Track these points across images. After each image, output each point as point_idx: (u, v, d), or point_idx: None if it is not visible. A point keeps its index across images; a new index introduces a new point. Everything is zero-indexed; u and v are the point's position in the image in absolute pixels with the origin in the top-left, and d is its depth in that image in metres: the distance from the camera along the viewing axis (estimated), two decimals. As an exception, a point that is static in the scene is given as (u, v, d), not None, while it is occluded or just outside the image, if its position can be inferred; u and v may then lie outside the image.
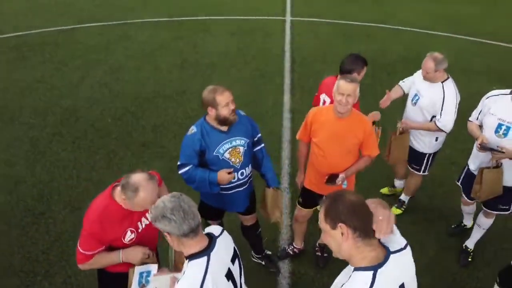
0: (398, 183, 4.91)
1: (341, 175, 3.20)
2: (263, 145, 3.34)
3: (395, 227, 1.89)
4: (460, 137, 5.85)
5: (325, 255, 3.92)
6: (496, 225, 4.08)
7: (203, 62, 8.20)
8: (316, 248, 3.97)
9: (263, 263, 3.86)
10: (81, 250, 2.45)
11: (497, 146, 3.38)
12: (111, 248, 2.51)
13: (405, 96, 4.34)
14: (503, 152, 3.33)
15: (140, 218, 2.57)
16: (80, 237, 2.45)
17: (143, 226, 2.59)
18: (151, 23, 10.38)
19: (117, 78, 7.44)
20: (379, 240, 1.80)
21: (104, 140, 5.64)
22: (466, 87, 7.48)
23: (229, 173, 3.05)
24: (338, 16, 11.42)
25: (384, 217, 1.78)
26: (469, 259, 3.99)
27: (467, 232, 4.21)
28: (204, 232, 2.10)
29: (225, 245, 2.12)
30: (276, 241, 4.14)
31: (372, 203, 1.84)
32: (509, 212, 3.73)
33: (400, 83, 4.33)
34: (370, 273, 1.68)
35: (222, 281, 2.00)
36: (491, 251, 4.12)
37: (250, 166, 3.28)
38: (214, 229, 2.18)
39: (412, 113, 4.05)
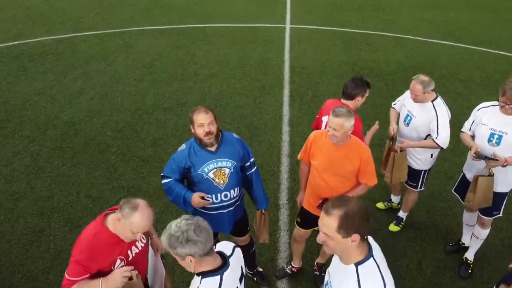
0: (395, 198, 4.94)
1: None
2: (255, 168, 3.34)
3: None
4: (457, 151, 5.91)
5: (323, 274, 3.94)
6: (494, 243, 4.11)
7: (203, 73, 8.24)
8: (314, 268, 3.99)
9: (255, 279, 3.89)
10: (66, 276, 2.46)
11: (492, 154, 3.50)
12: (100, 274, 2.51)
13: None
14: (497, 160, 3.44)
15: (131, 246, 2.59)
16: (69, 263, 2.47)
17: (133, 254, 2.60)
18: (150, 31, 10.43)
19: (117, 90, 7.47)
20: None
21: (104, 155, 5.67)
22: (467, 99, 7.55)
23: (203, 197, 3.07)
24: (338, 24, 11.47)
25: None
26: (470, 271, 4.03)
27: (465, 251, 4.22)
28: (215, 249, 2.14)
29: (235, 264, 2.17)
30: (274, 259, 4.16)
31: None
32: (500, 215, 3.86)
33: (393, 105, 4.40)
34: (371, 260, 1.98)
35: None
36: (489, 270, 4.14)
37: (237, 189, 3.24)
38: (226, 246, 2.22)
39: (406, 133, 4.10)
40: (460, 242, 4.30)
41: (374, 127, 3.97)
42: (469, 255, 4.09)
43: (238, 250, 2.27)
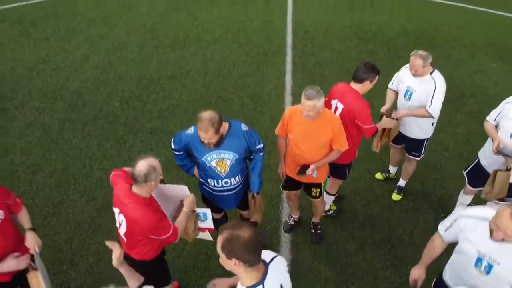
0: (393, 169, 5.21)
1: (311, 166, 3.59)
2: (261, 154, 3.51)
3: None
4: (454, 122, 6.11)
5: (318, 231, 4.35)
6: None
7: (205, 38, 8.22)
8: (311, 226, 4.43)
9: None
10: (164, 236, 2.83)
11: None
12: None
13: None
14: None
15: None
16: (156, 229, 2.79)
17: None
18: (150, -8, 10.22)
19: (120, 57, 7.52)
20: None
21: (113, 126, 5.87)
22: (468, 66, 7.59)
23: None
24: (342, -18, 11.17)
25: None
26: None
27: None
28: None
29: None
30: (278, 229, 4.51)
31: None
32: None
33: (389, 86, 4.52)
34: (260, 287, 2.07)
35: None
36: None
37: (238, 177, 3.48)
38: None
39: (407, 107, 4.27)
40: None
41: (390, 122, 4.14)
42: None
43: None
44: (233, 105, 6.35)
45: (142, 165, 2.70)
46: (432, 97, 4.07)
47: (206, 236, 3.46)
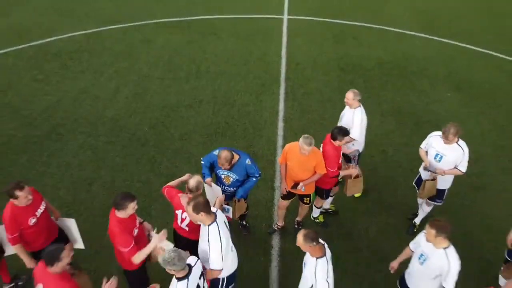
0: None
1: (300, 184, 5.41)
2: (254, 179, 5.28)
3: None
4: (410, 143, 7.81)
5: (300, 227, 6.11)
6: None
7: (213, 70, 9.97)
8: (295, 223, 6.21)
9: (241, 226, 6.07)
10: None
11: (435, 168, 5.52)
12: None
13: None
14: (436, 173, 5.52)
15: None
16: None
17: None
18: (164, 24, 11.98)
19: (145, 88, 9.26)
20: None
21: (145, 147, 7.60)
22: (427, 94, 9.34)
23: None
24: (330, 15, 12.95)
25: None
26: (415, 230, 6.11)
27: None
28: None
29: (197, 271, 3.88)
30: (268, 227, 6.22)
31: None
32: (442, 203, 5.89)
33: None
34: (214, 223, 4.12)
35: None
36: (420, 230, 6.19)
37: (234, 189, 5.30)
38: (191, 259, 3.87)
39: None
40: (413, 221, 6.30)
41: (350, 172, 5.74)
42: (417, 220, 6.22)
43: (199, 263, 3.92)
44: (237, 130, 8.08)
45: (193, 181, 4.50)
46: (353, 127, 5.86)
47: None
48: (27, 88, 9.12)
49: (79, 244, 5.08)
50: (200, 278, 3.94)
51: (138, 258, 4.22)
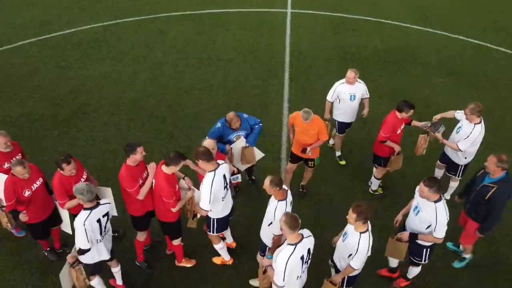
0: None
1: (308, 148, 6.23)
2: (257, 126, 6.25)
3: None
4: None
5: (304, 191, 6.96)
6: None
7: (223, 58, 10.77)
8: (299, 188, 7.00)
9: (249, 181, 7.04)
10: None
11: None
12: None
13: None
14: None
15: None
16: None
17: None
18: (175, 17, 12.78)
19: (161, 73, 10.08)
20: None
21: (163, 125, 8.42)
22: (419, 79, 10.13)
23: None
24: (331, 8, 13.74)
25: None
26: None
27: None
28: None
29: (104, 209, 4.75)
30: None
31: None
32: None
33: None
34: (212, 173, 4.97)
35: (95, 225, 4.61)
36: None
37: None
38: (105, 200, 4.91)
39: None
40: None
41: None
42: (447, 196, 6.83)
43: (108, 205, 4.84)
44: (246, 109, 8.80)
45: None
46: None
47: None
48: (52, 73, 9.96)
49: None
50: (104, 217, 4.73)
51: (177, 207, 5.14)
